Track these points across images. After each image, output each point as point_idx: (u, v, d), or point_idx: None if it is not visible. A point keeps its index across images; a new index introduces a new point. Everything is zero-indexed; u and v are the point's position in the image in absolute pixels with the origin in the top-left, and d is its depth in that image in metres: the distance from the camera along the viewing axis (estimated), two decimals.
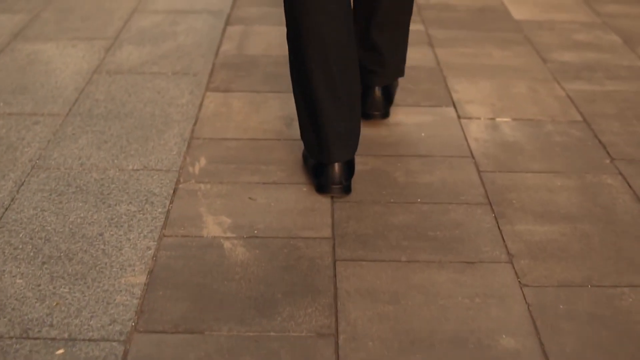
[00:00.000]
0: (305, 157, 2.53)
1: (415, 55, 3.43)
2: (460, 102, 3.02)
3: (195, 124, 2.83)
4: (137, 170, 2.54)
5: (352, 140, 2.37)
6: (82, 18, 3.78)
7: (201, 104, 2.96)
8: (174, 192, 2.43)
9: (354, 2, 2.68)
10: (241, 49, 3.46)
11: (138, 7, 3.93)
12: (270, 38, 3.59)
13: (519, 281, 2.08)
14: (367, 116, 2.81)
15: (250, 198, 2.40)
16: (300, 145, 2.68)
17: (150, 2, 3.99)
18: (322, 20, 2.24)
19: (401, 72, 2.83)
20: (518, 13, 3.98)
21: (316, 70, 2.28)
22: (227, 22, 3.77)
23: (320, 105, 2.31)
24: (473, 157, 2.65)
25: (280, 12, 3.91)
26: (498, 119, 2.90)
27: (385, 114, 2.83)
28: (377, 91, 2.79)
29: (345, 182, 2.38)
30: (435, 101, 3.02)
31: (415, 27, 3.74)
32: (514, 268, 2.13)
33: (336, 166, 2.36)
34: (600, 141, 2.77)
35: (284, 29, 3.69)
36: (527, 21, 3.87)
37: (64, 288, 2.02)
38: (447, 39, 3.63)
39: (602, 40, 3.67)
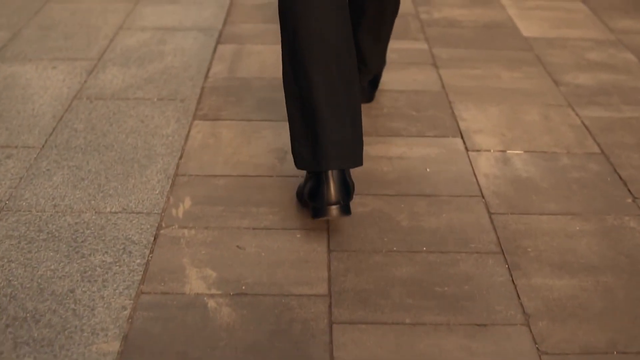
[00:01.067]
0: (299, 194, 2.35)
1: (419, 76, 3.21)
2: (468, 131, 2.80)
3: (180, 157, 2.60)
4: (116, 213, 2.32)
5: (354, 149, 2.18)
6: (65, 36, 3.56)
7: (188, 135, 2.74)
8: (155, 239, 2.21)
9: None
10: (233, 71, 3.24)
11: (125, 23, 3.71)
12: (264, 58, 3.36)
13: (537, 347, 1.86)
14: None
15: (238, 247, 2.18)
16: (293, 184, 2.46)
17: (137, 18, 3.77)
18: (322, 24, 2.12)
19: (383, 65, 2.95)
20: (527, 29, 3.76)
21: (316, 74, 2.13)
22: (219, 41, 3.54)
23: (319, 112, 2.14)
24: (483, 197, 2.42)
25: (275, 28, 3.69)
26: (509, 152, 2.68)
27: (370, 99, 2.98)
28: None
29: (344, 202, 2.15)
30: (440, 130, 2.80)
31: (418, 45, 3.52)
32: (531, 331, 1.90)
33: (332, 184, 2.14)
34: (620, 177, 2.55)
35: (279, 48, 3.47)
36: (537, 38, 3.65)
37: (28, 357, 1.80)
38: (453, 58, 3.40)
39: (616, 59, 3.45)
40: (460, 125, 2.84)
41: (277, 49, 3.46)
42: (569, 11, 4.01)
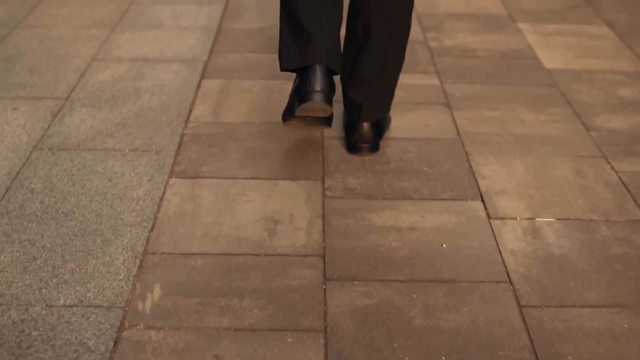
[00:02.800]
0: (287, 109, 2.46)
1: (431, 120, 2.81)
2: (489, 192, 2.40)
3: (152, 229, 2.21)
4: (70, 307, 1.92)
5: (336, 53, 2.31)
6: (31, 69, 3.16)
7: (162, 197, 2.35)
8: (115, 343, 1.81)
9: (344, 40, 2.55)
10: (217, 114, 2.84)
11: (99, 54, 3.31)
12: (253, 97, 2.96)
13: None
14: (355, 149, 2.59)
15: (216, 357, 1.78)
16: (284, 266, 2.06)
17: (113, 47, 3.37)
18: None
19: (388, 106, 2.63)
20: (549, 59, 3.36)
21: None
22: (203, 75, 3.14)
23: (305, 21, 2.28)
24: (511, 283, 2.03)
25: (267, 59, 3.29)
26: (539, 219, 2.28)
27: (375, 147, 2.60)
28: (366, 125, 2.58)
29: (328, 93, 2.26)
30: (457, 192, 2.40)
31: (428, 80, 3.12)
32: None
33: (318, 74, 2.25)
34: None
35: (270, 84, 3.07)
36: (561, 71, 3.25)
37: None
38: (468, 97, 3.00)
39: None
40: (480, 185, 2.44)
41: (268, 84, 3.06)
42: (594, 37, 3.61)
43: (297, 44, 2.31)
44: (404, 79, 3.13)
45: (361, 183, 2.44)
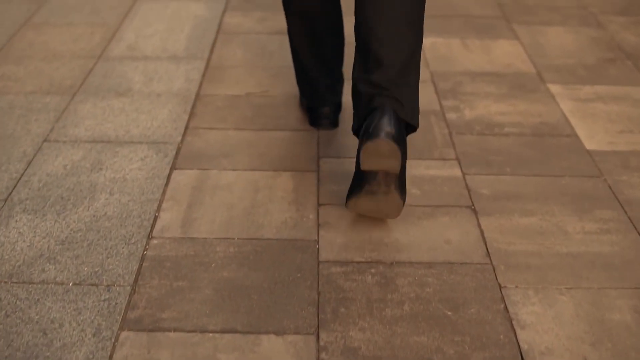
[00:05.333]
0: (301, 100, 2.95)
1: (453, 233, 2.27)
2: (533, 353, 1.86)
3: None
4: None
5: (338, 90, 2.79)
6: None
7: None
8: None
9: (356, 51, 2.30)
10: (188, 225, 2.29)
11: (52, 132, 2.77)
12: (233, 198, 2.42)
13: None
14: (371, 135, 2.11)
15: None
16: None
17: (70, 123, 2.82)
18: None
19: (415, 117, 2.22)
20: (589, 136, 2.81)
21: (302, 38, 2.71)
22: (175, 163, 2.60)
23: (307, 66, 2.76)
24: None
25: (252, 139, 2.74)
26: None
27: (401, 151, 2.15)
28: (387, 116, 2.14)
29: (333, 118, 2.80)
30: (491, 352, 1.86)
31: (447, 169, 2.58)
32: None
33: (325, 107, 2.77)
34: None
35: (256, 177, 2.53)
36: (605, 153, 2.71)
37: None
38: (497, 195, 2.46)
39: None
40: (520, 340, 1.90)
41: (253, 178, 2.52)
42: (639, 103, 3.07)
43: (307, 84, 2.80)
44: (418, 167, 2.58)
45: (367, 338, 1.89)
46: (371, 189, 2.13)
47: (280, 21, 3.73)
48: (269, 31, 3.62)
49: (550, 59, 3.42)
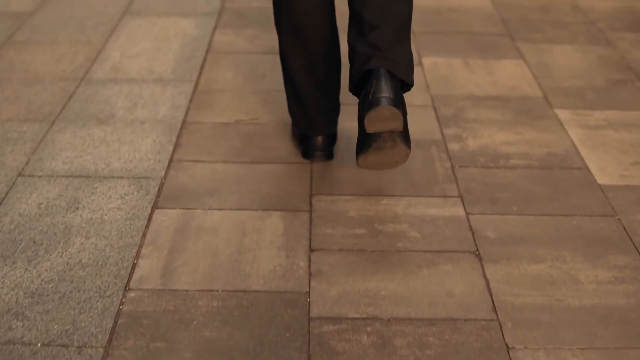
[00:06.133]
0: (293, 129, 2.74)
1: (456, 284, 2.09)
2: None
3: None
4: None
5: (333, 116, 2.63)
6: None
7: None
8: None
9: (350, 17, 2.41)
10: (168, 274, 2.12)
11: (27, 165, 2.59)
12: (219, 243, 2.24)
13: None
14: (372, 104, 2.18)
15: None
16: None
17: (47, 155, 2.65)
18: (299, 15, 2.45)
19: (411, 75, 2.29)
20: (600, 169, 2.63)
21: (297, 58, 2.53)
22: (156, 202, 2.42)
23: (302, 88, 2.56)
24: None
25: (242, 172, 2.57)
26: None
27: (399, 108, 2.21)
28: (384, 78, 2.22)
29: (328, 149, 2.62)
30: None
31: (450, 209, 2.40)
32: None
33: (319, 137, 2.60)
34: None
35: (244, 217, 2.35)
36: (618, 188, 2.53)
37: None
38: (503, 238, 2.28)
39: None
40: None
41: (240, 219, 2.34)
42: None
43: (300, 109, 2.62)
44: (418, 206, 2.41)
45: None
46: (378, 146, 2.23)
47: (273, 39, 3.56)
48: (261, 50, 3.45)
49: (558, 81, 3.24)
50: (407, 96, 3.07)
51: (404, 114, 2.23)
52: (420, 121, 2.90)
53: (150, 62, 3.32)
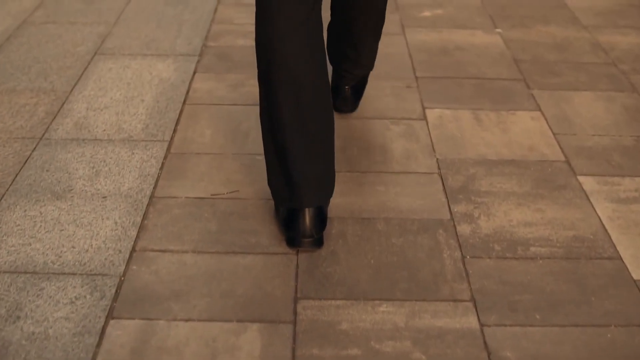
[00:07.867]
0: (277, 208, 2.34)
1: None
2: None
3: None
4: None
5: (325, 185, 2.25)
6: None
7: None
8: None
9: (331, 16, 2.74)
10: None
11: None
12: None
13: None
14: (336, 110, 2.93)
15: None
16: None
17: (5, 225, 2.27)
18: (294, 61, 2.14)
19: (371, 67, 2.88)
20: (635, 259, 2.25)
21: (287, 111, 2.17)
22: (112, 310, 2.04)
23: (290, 148, 2.20)
24: None
25: (214, 266, 2.18)
26: None
27: (354, 109, 2.94)
28: (347, 90, 2.90)
29: (317, 235, 2.22)
30: None
31: (462, 319, 2.02)
32: None
33: (307, 217, 2.20)
34: None
35: (214, 331, 1.97)
36: None
37: None
38: (526, 358, 1.90)
39: None
40: None
41: (211, 333, 1.95)
42: None
43: (283, 177, 2.25)
44: (423, 315, 2.02)
45: None
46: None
47: (257, 87, 3.17)
48: (244, 101, 3.06)
49: (580, 139, 2.86)
50: (412, 162, 2.69)
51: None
52: (425, 195, 2.52)
53: (119, 116, 2.94)
